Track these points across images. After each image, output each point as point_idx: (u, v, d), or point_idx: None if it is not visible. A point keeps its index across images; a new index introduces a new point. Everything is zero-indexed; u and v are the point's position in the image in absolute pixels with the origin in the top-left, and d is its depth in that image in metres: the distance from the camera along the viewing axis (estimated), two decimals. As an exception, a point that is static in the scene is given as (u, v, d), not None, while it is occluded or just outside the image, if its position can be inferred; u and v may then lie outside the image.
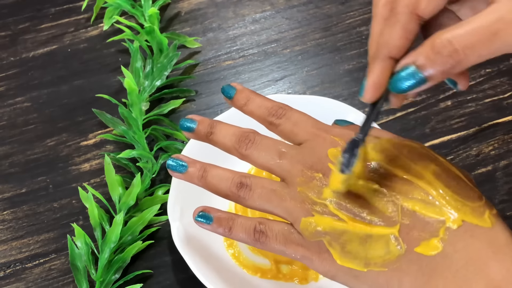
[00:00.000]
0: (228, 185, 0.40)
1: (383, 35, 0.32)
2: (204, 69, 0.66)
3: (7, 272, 0.53)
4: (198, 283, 0.48)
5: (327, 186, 0.37)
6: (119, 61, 0.66)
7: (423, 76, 0.31)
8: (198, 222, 0.41)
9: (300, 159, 0.39)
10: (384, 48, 0.32)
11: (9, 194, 0.58)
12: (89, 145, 0.60)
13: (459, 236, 0.34)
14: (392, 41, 0.32)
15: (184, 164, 0.42)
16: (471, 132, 0.59)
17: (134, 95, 0.60)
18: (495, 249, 0.33)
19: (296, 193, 0.38)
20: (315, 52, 0.66)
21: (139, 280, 0.52)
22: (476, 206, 0.35)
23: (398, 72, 0.32)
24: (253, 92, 0.43)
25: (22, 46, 0.68)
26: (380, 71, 0.33)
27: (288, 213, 0.39)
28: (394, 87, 0.32)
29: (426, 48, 0.30)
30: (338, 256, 0.36)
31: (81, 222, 0.55)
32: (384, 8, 0.32)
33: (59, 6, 0.71)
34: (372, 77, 0.33)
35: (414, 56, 0.31)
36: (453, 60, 0.30)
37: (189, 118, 0.43)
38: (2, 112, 0.63)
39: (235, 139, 0.41)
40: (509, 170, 0.57)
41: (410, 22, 0.31)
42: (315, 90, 0.63)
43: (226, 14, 0.70)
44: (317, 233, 0.37)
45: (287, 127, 0.41)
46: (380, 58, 0.32)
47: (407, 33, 0.31)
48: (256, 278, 0.51)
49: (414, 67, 0.31)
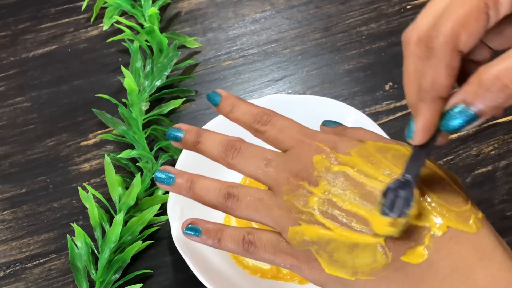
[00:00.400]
0: (215, 196, 0.40)
1: (427, 76, 0.31)
2: (204, 69, 0.66)
3: (7, 272, 0.53)
4: (198, 283, 0.48)
5: (313, 194, 0.37)
6: (119, 61, 0.66)
7: (474, 113, 0.30)
8: (187, 235, 0.41)
9: (285, 167, 0.39)
10: (431, 90, 0.31)
11: (9, 194, 0.58)
12: (89, 145, 0.60)
13: (445, 243, 0.34)
14: (439, 81, 0.31)
15: (171, 176, 0.41)
16: (471, 132, 0.59)
17: (134, 95, 0.60)
18: (481, 255, 0.33)
19: (282, 202, 0.38)
20: (315, 52, 0.66)
21: (139, 280, 0.52)
22: (461, 211, 0.35)
23: (448, 111, 0.31)
24: (239, 99, 0.43)
25: (22, 46, 0.68)
26: (431, 113, 0.32)
27: (275, 222, 0.38)
28: (447, 127, 0.31)
29: (474, 86, 0.30)
30: (326, 264, 0.36)
31: (81, 222, 0.55)
32: (419, 46, 0.32)
33: (59, 6, 0.71)
34: (423, 120, 0.32)
35: (463, 94, 0.30)
36: (504, 95, 0.29)
37: (176, 128, 0.43)
38: (2, 112, 0.63)
39: (222, 148, 0.41)
40: (509, 170, 0.57)
41: (453, 59, 0.30)
42: (315, 90, 0.63)
43: (226, 14, 0.70)
44: (304, 242, 0.37)
45: (272, 134, 0.40)
46: (429, 100, 0.32)
47: (452, 71, 0.31)
48: (256, 278, 0.51)
49: (464, 105, 0.30)
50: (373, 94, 0.62)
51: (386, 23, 0.68)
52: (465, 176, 0.57)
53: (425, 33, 0.31)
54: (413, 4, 0.69)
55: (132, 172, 0.57)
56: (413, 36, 0.32)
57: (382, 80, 0.63)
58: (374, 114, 0.61)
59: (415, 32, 0.32)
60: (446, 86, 0.31)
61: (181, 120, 0.62)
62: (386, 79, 0.63)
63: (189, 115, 0.62)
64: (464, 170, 0.57)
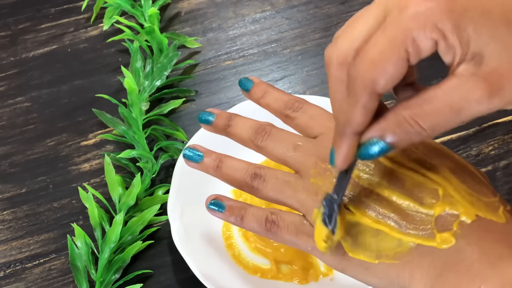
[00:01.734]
0: (242, 175, 0.41)
1: (344, 113, 0.32)
2: (204, 69, 0.66)
3: (7, 272, 0.53)
4: (198, 283, 0.48)
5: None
6: (119, 61, 0.66)
7: (388, 146, 0.31)
8: (210, 210, 0.41)
9: (314, 151, 0.39)
10: (347, 127, 0.32)
11: (9, 194, 0.58)
12: (89, 145, 0.60)
13: (473, 230, 0.34)
14: (355, 120, 0.32)
15: (200, 154, 0.42)
16: (471, 132, 0.59)
17: (134, 95, 0.60)
18: (509, 244, 0.33)
19: (309, 185, 0.38)
20: (315, 52, 0.66)
21: (139, 280, 0.52)
22: (490, 202, 0.35)
23: (364, 144, 0.32)
24: (270, 86, 0.44)
25: (22, 46, 0.68)
26: (347, 146, 0.33)
27: (300, 204, 0.39)
28: (363, 157, 0.32)
29: (390, 124, 0.31)
30: (350, 248, 0.36)
31: (81, 222, 0.55)
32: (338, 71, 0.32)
33: (59, 6, 0.71)
34: (341, 152, 0.33)
35: (379, 130, 0.31)
36: (420, 135, 0.30)
37: (207, 111, 0.44)
38: (2, 112, 0.63)
39: (252, 131, 0.41)
40: (509, 170, 0.57)
41: (370, 101, 0.31)
42: (315, 90, 0.63)
43: (226, 14, 0.70)
44: None
45: (302, 120, 0.41)
46: (346, 135, 0.33)
47: (369, 111, 0.31)
48: (256, 278, 0.51)
49: (379, 140, 0.31)
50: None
51: (386, 23, 0.68)
52: (465, 176, 0.57)
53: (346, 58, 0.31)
54: (413, 4, 0.69)
55: (132, 172, 0.57)
56: (333, 59, 0.32)
57: (382, 80, 0.63)
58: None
59: (335, 55, 0.32)
60: (362, 124, 0.32)
61: (181, 120, 0.62)
62: (386, 79, 0.63)
63: (189, 115, 0.62)
64: (464, 170, 0.57)
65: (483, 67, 0.28)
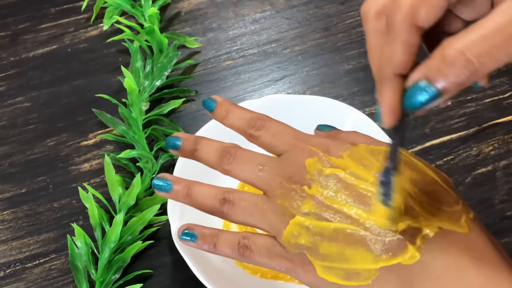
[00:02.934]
0: (212, 202, 0.40)
1: (384, 53, 0.30)
2: (204, 69, 0.66)
3: (7, 272, 0.53)
4: (198, 283, 0.48)
5: (306, 197, 0.37)
6: (119, 61, 0.66)
7: (436, 90, 0.28)
8: (183, 240, 0.41)
9: (279, 171, 0.39)
10: (388, 67, 0.30)
11: (9, 194, 0.58)
12: (89, 145, 0.60)
13: (437, 243, 0.34)
14: (396, 58, 0.29)
15: (169, 183, 0.42)
16: (471, 132, 0.59)
17: (134, 95, 0.60)
18: (473, 255, 0.33)
19: (276, 206, 0.38)
20: (315, 52, 0.66)
21: (139, 280, 0.52)
22: (452, 211, 0.35)
23: (409, 89, 0.29)
24: (233, 105, 0.43)
25: (22, 46, 0.68)
26: (391, 92, 0.30)
27: (270, 226, 0.39)
28: (408, 105, 0.29)
29: (436, 61, 0.28)
30: (320, 269, 0.36)
31: (81, 222, 0.55)
32: (377, 21, 0.30)
33: (59, 6, 0.71)
34: (386, 101, 0.31)
35: (425, 70, 0.28)
36: (468, 71, 0.27)
37: (174, 136, 0.43)
38: (2, 112, 0.63)
39: (218, 155, 0.41)
40: (509, 170, 0.57)
41: (411, 36, 0.29)
42: (315, 90, 0.63)
43: (226, 14, 0.70)
44: (298, 246, 0.37)
45: (266, 139, 0.41)
46: (387, 78, 0.30)
47: (410, 48, 0.29)
48: (256, 278, 0.51)
49: (426, 82, 0.28)
50: (373, 94, 0.62)
51: (386, 23, 0.68)
52: (465, 176, 0.57)
53: (383, 6, 0.30)
54: (413, 4, 0.69)
55: (132, 172, 0.57)
56: (371, 10, 0.30)
57: (382, 80, 0.63)
58: (374, 114, 0.60)
59: (372, 5, 0.30)
60: (404, 63, 0.29)
61: (181, 120, 0.62)
62: (386, 79, 0.63)
63: (189, 115, 0.62)
64: (464, 170, 0.57)
65: None
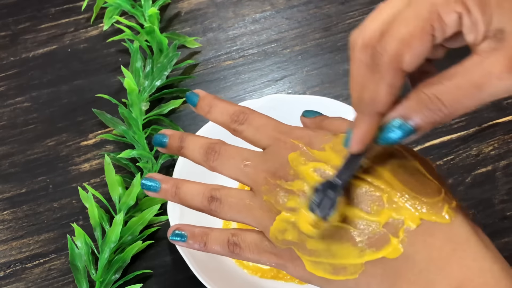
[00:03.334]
0: (200, 200, 0.41)
1: (368, 90, 0.32)
2: (204, 69, 0.66)
3: (7, 272, 0.53)
4: (198, 283, 0.48)
5: (290, 193, 0.37)
6: (119, 61, 0.66)
7: (411, 128, 0.31)
8: (173, 241, 0.42)
9: (263, 166, 0.39)
10: (371, 105, 0.32)
11: (9, 194, 0.58)
12: (89, 145, 0.60)
13: (419, 236, 0.34)
14: (379, 98, 0.31)
15: (157, 183, 0.42)
16: (471, 132, 0.59)
17: (134, 95, 0.60)
18: (455, 246, 0.33)
19: (262, 202, 0.38)
20: (315, 52, 0.66)
21: (139, 280, 0.52)
22: (434, 202, 0.34)
23: (386, 126, 0.32)
24: (216, 98, 0.43)
25: (22, 46, 0.68)
26: (367, 126, 0.33)
27: (257, 222, 0.39)
28: (383, 140, 0.32)
29: (413, 103, 0.31)
30: (309, 264, 0.36)
31: (81, 222, 0.55)
32: (362, 53, 0.31)
33: (59, 6, 0.71)
34: (360, 132, 0.33)
35: (402, 110, 0.31)
36: (442, 114, 0.30)
37: (160, 133, 0.43)
38: (2, 112, 0.63)
39: (203, 152, 0.41)
40: (509, 170, 0.57)
41: (395, 79, 0.31)
42: (315, 90, 0.63)
43: (226, 14, 0.70)
44: (285, 241, 0.37)
45: (249, 133, 0.41)
46: (367, 114, 0.32)
47: (394, 89, 0.31)
48: (256, 278, 0.51)
49: (402, 120, 0.31)
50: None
51: (386, 23, 0.68)
52: (465, 176, 0.57)
53: (371, 40, 0.31)
54: (413, 4, 0.69)
55: (132, 172, 0.57)
56: (359, 41, 0.32)
57: (382, 80, 0.63)
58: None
59: (361, 37, 0.32)
60: (386, 103, 0.31)
61: (181, 120, 0.62)
62: (386, 79, 0.63)
63: (189, 115, 0.62)
64: (464, 170, 0.57)
65: (504, 43, 0.29)
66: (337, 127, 0.40)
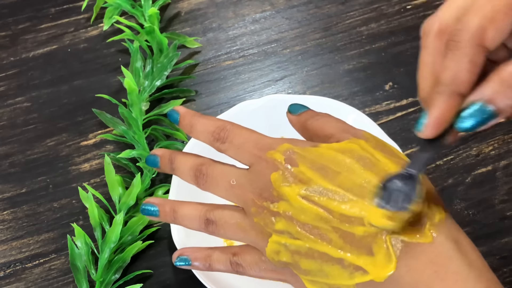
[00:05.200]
0: (198, 224, 0.41)
1: (448, 69, 0.30)
2: (204, 69, 0.66)
3: (7, 272, 0.53)
4: (198, 283, 0.48)
5: (276, 215, 0.36)
6: (119, 61, 0.66)
7: (493, 111, 0.30)
8: (180, 267, 0.43)
9: (249, 187, 0.38)
10: (451, 84, 0.30)
11: (9, 194, 0.58)
12: (89, 145, 0.60)
13: (402, 259, 0.33)
14: (461, 76, 0.30)
15: (155, 208, 0.42)
16: (471, 132, 0.59)
17: (134, 95, 0.60)
18: (437, 268, 0.33)
19: (254, 224, 0.38)
20: (315, 52, 0.66)
21: (139, 280, 0.52)
22: (416, 219, 0.33)
23: (465, 109, 0.30)
24: (195, 115, 0.42)
25: (22, 46, 0.68)
26: (447, 107, 0.31)
27: (254, 243, 0.39)
28: (463, 124, 0.31)
29: (494, 83, 0.29)
30: (306, 282, 0.37)
31: (81, 222, 0.55)
32: (439, 39, 0.30)
33: (59, 6, 0.71)
34: (437, 113, 0.31)
35: (483, 91, 0.29)
36: None
37: (152, 154, 0.43)
38: (2, 112, 0.63)
39: (192, 175, 0.41)
40: (509, 170, 0.57)
41: (477, 55, 0.29)
42: (315, 90, 0.63)
43: (226, 14, 0.70)
44: (281, 262, 0.37)
45: (231, 153, 0.40)
46: (447, 94, 0.31)
47: (475, 67, 0.30)
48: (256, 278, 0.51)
49: (483, 103, 0.29)
50: (373, 94, 0.62)
51: (386, 23, 0.68)
52: (465, 176, 0.57)
53: (448, 26, 0.30)
54: (413, 4, 0.69)
55: (132, 172, 0.57)
56: (435, 27, 0.31)
57: (382, 80, 0.63)
58: (374, 114, 0.61)
59: (437, 23, 0.31)
60: (467, 82, 0.30)
61: (181, 120, 0.61)
62: (386, 79, 0.63)
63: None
64: (464, 170, 0.57)
65: None
66: (320, 126, 0.39)
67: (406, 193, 0.33)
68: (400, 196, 0.33)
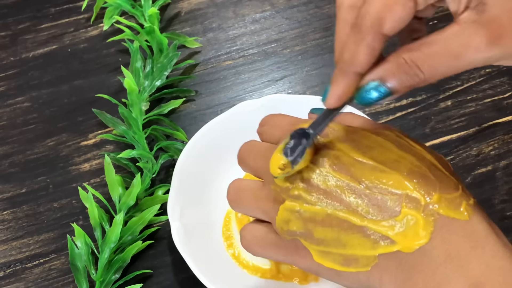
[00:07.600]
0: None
1: (348, 50, 0.33)
2: (204, 69, 0.66)
3: (7, 272, 0.53)
4: (198, 283, 0.48)
5: (297, 179, 0.36)
6: (119, 61, 0.66)
7: (388, 90, 0.32)
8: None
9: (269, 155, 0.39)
10: (349, 65, 0.33)
11: (9, 194, 0.58)
12: (89, 145, 0.60)
13: (436, 231, 0.33)
14: (358, 58, 0.32)
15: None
16: (471, 132, 0.59)
17: (134, 95, 0.60)
18: (474, 244, 0.33)
19: (270, 192, 0.38)
20: (315, 52, 0.66)
21: (139, 280, 0.52)
22: (452, 198, 0.34)
23: (364, 87, 0.33)
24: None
25: (22, 46, 0.68)
26: (345, 84, 0.34)
27: (265, 213, 0.39)
28: (360, 100, 0.33)
29: (391, 65, 0.32)
30: (316, 254, 0.36)
31: (81, 222, 0.55)
32: (348, 13, 0.33)
33: (59, 6, 0.71)
34: (337, 89, 0.34)
35: (380, 72, 0.32)
36: (418, 79, 0.31)
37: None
38: (2, 112, 0.63)
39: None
40: (509, 170, 0.57)
41: (375, 42, 0.32)
42: (315, 90, 0.63)
43: (226, 14, 0.70)
44: (291, 232, 0.36)
45: (266, 130, 0.42)
46: (346, 73, 0.33)
47: (373, 51, 0.32)
48: (256, 278, 0.51)
49: (379, 82, 0.32)
50: (373, 94, 0.62)
51: (386, 23, 0.68)
52: (465, 176, 0.57)
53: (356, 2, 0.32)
54: (413, 4, 0.69)
55: (132, 172, 0.57)
56: (345, 3, 0.33)
57: (382, 80, 0.63)
58: (374, 114, 0.61)
59: None
60: (365, 64, 0.32)
61: (181, 120, 0.61)
62: (386, 79, 0.63)
63: (189, 115, 0.62)
64: (464, 170, 0.57)
65: (484, 15, 0.29)
66: (349, 123, 0.40)
67: (302, 149, 0.35)
68: (299, 150, 0.35)
